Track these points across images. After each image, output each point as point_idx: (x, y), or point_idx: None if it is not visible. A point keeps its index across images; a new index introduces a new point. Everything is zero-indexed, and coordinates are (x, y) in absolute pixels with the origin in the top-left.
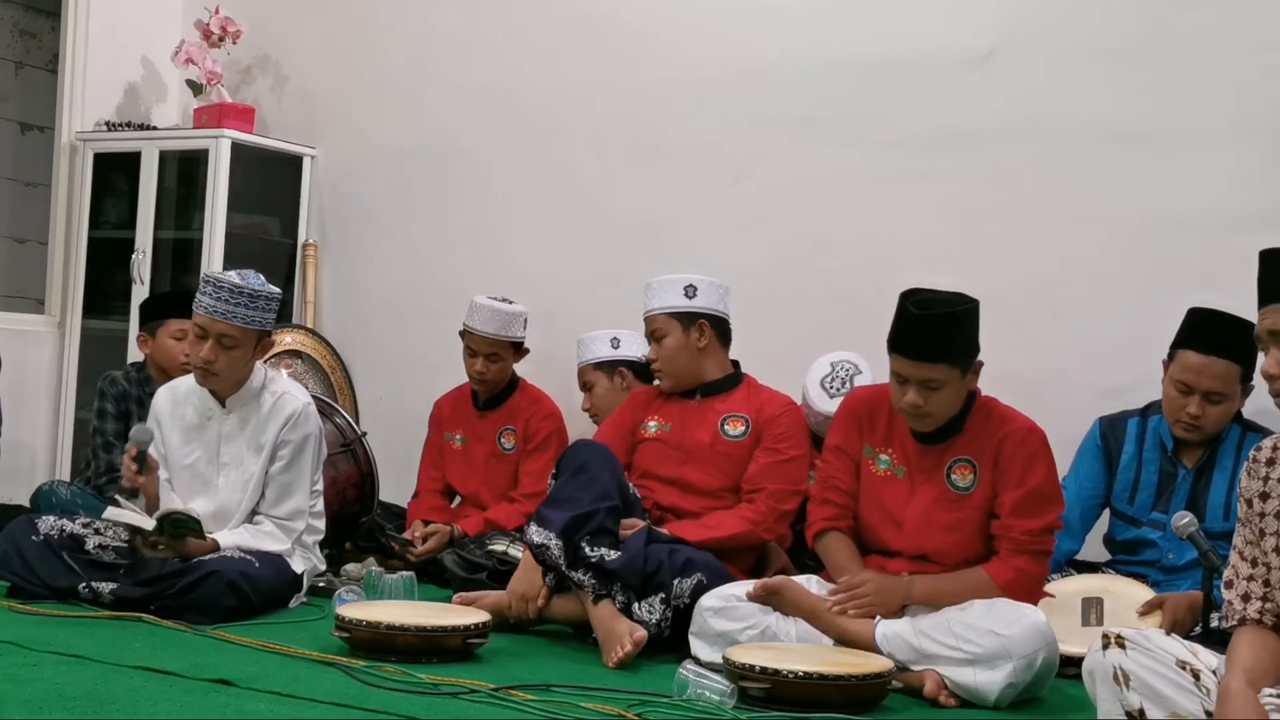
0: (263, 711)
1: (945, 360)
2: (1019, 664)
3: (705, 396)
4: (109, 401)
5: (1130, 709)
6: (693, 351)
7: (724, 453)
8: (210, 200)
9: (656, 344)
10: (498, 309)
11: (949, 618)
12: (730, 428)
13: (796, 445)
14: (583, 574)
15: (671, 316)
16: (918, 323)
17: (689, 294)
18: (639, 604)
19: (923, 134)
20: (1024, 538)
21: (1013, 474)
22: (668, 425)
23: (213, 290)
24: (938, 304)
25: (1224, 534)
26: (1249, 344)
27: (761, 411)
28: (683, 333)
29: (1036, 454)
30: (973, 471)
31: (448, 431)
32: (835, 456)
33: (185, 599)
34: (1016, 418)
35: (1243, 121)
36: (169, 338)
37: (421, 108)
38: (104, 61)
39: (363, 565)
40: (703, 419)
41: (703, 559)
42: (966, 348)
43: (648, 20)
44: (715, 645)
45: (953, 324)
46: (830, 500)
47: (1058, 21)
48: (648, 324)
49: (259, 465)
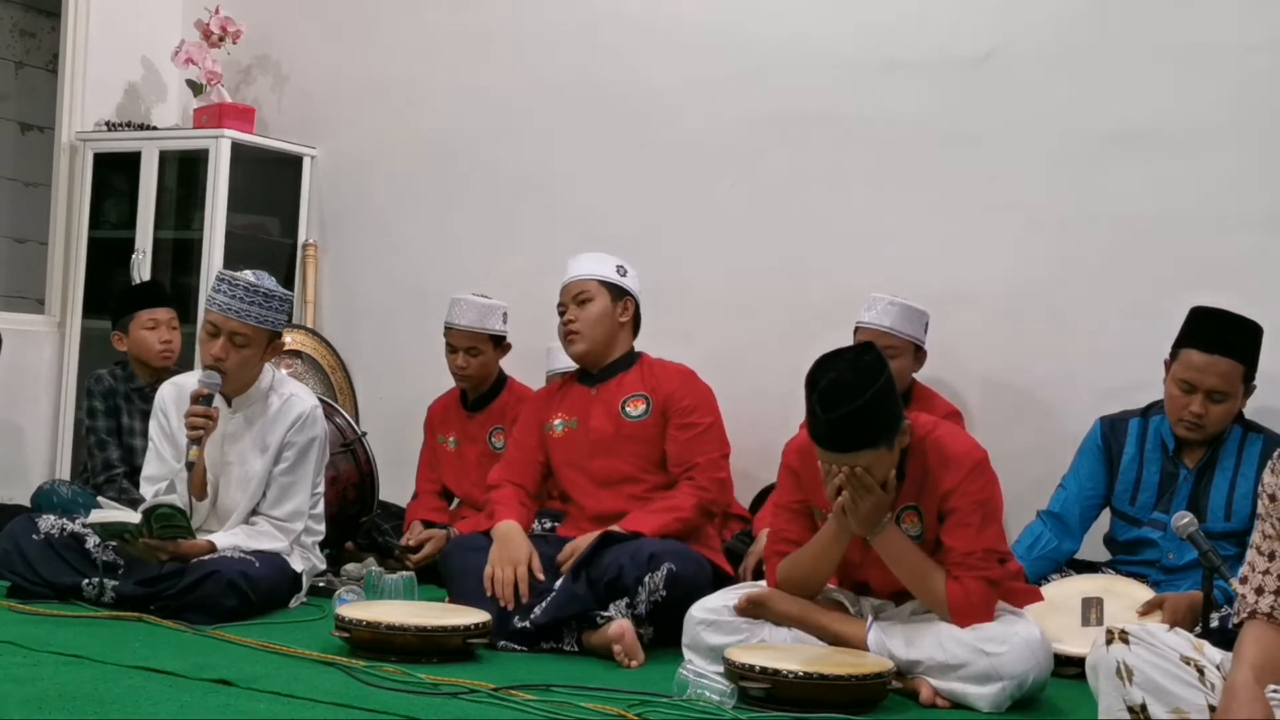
0: (263, 711)
1: (868, 447)
2: (1009, 684)
3: (603, 381)
4: (97, 399)
5: (1133, 704)
6: (613, 324)
7: (630, 435)
8: (210, 200)
9: (578, 307)
10: (476, 302)
11: (939, 630)
12: (631, 408)
13: (706, 413)
14: (528, 639)
15: (603, 284)
16: (828, 424)
17: (620, 273)
18: (604, 611)
19: (923, 134)
20: (978, 562)
21: (961, 510)
22: (573, 420)
23: (227, 288)
24: (845, 394)
25: (1224, 534)
26: (1252, 343)
27: (658, 388)
28: (610, 303)
29: (980, 482)
30: (919, 519)
31: (440, 434)
32: (782, 513)
33: (185, 599)
34: (955, 450)
35: (1243, 121)
36: (141, 330)
37: (421, 108)
38: (104, 61)
39: (363, 565)
40: (604, 406)
41: (666, 547)
42: (886, 426)
43: (648, 20)
44: (710, 659)
45: (865, 416)
46: (780, 552)
47: (1058, 21)
48: (572, 288)
49: (263, 465)
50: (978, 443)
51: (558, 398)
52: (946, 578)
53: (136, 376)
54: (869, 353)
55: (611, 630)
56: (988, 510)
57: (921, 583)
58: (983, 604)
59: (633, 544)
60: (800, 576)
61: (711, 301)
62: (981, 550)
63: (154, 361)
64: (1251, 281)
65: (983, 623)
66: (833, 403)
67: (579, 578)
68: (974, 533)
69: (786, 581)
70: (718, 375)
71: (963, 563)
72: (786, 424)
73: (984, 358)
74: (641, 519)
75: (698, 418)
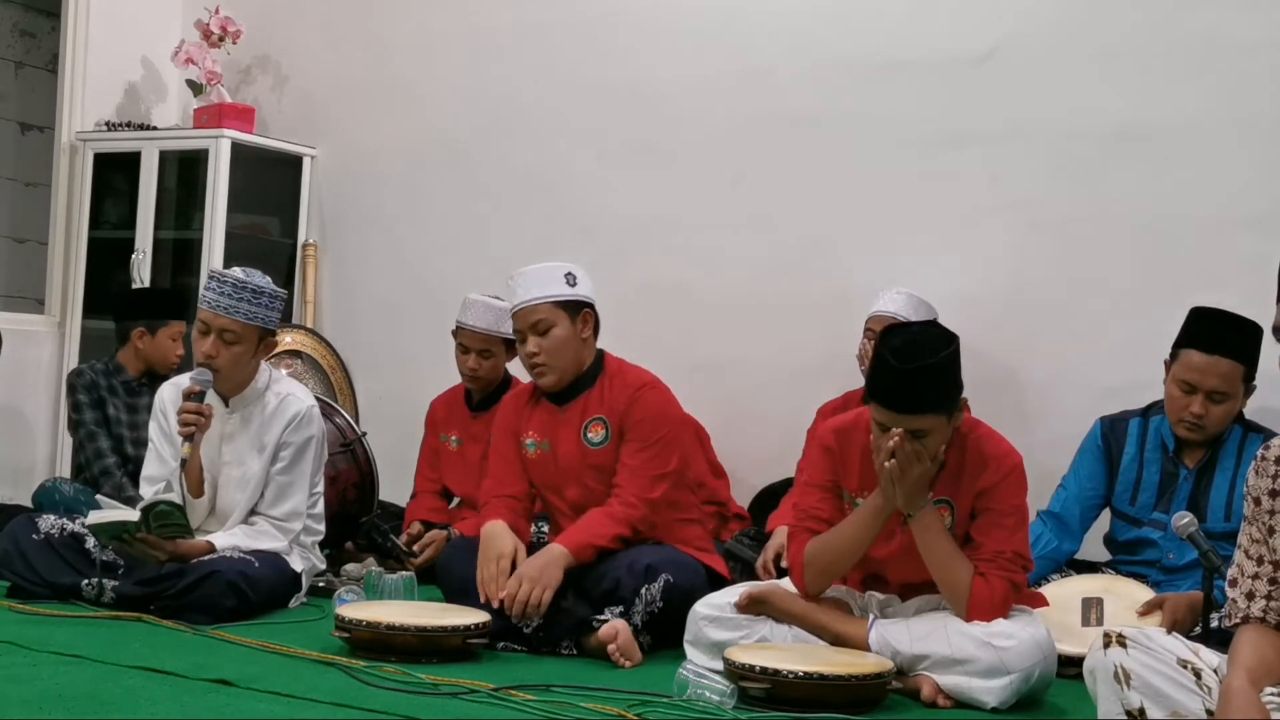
0: (263, 711)
1: (931, 410)
2: (1016, 679)
3: (570, 400)
4: (81, 393)
5: (1131, 708)
6: (578, 343)
7: (594, 464)
8: (210, 200)
9: (539, 337)
10: (490, 305)
11: (946, 625)
12: (592, 434)
13: (656, 428)
14: (528, 640)
15: (557, 306)
16: (898, 375)
17: (571, 282)
18: (599, 616)
19: (923, 134)
20: (1006, 563)
21: (996, 511)
22: (544, 443)
23: (216, 285)
24: (920, 352)
25: (1224, 534)
26: (1252, 344)
27: (615, 407)
28: (570, 323)
29: (1018, 486)
30: (951, 512)
31: (443, 433)
32: (814, 491)
33: (185, 599)
34: (995, 450)
35: (1243, 121)
36: (168, 338)
37: (421, 108)
38: (104, 61)
39: (363, 565)
40: (570, 429)
41: (664, 557)
42: (951, 392)
43: (648, 21)
44: (712, 654)
45: (936, 375)
46: (810, 529)
47: (1058, 21)
48: (525, 316)
49: (260, 465)
50: (1013, 446)
51: (528, 412)
52: (974, 573)
53: (124, 370)
54: (938, 326)
55: (604, 632)
56: (1021, 515)
57: (948, 571)
58: (1003, 604)
59: (629, 554)
60: (830, 556)
61: (711, 301)
62: (1011, 552)
63: (163, 369)
64: (1251, 281)
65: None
66: (909, 357)
67: (568, 595)
68: (1007, 534)
69: (813, 560)
70: (717, 375)
71: (993, 560)
72: (786, 424)
73: (984, 358)
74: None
75: (646, 432)
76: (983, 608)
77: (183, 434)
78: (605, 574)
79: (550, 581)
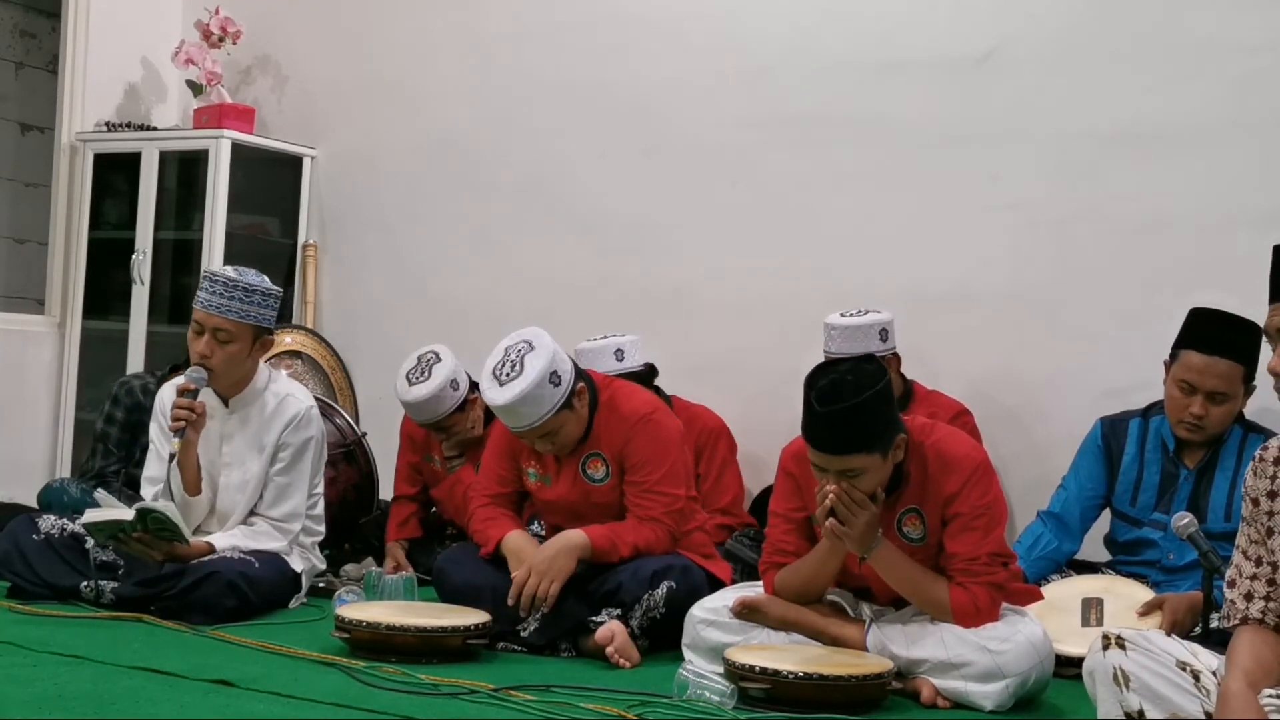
0: (263, 711)
1: (861, 450)
2: (1012, 682)
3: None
4: (120, 409)
5: (1130, 710)
6: (581, 418)
7: (597, 503)
8: (210, 201)
9: (549, 441)
10: (423, 401)
11: (941, 629)
12: (591, 470)
13: (657, 465)
14: (527, 641)
15: (557, 414)
16: (821, 418)
17: (555, 382)
18: (596, 618)
19: (923, 134)
20: (982, 568)
21: (964, 515)
22: (546, 476)
23: (209, 284)
24: (845, 392)
25: (1225, 535)
26: (1252, 344)
27: (612, 441)
28: (571, 413)
29: (983, 486)
30: (921, 521)
31: (426, 453)
32: (780, 523)
33: (185, 599)
34: (955, 454)
35: (1243, 121)
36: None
37: (421, 108)
38: (104, 62)
39: (362, 565)
40: (570, 466)
41: (668, 564)
42: (881, 430)
43: (648, 20)
44: (710, 657)
45: (860, 415)
46: (776, 564)
47: (1057, 21)
48: (534, 432)
49: (260, 465)
50: (976, 444)
51: (527, 447)
52: (951, 584)
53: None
54: (870, 362)
55: (601, 634)
56: (991, 514)
57: (922, 594)
58: (988, 609)
59: (633, 562)
60: (797, 588)
61: (711, 301)
62: (986, 555)
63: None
64: (1251, 281)
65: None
66: (830, 398)
67: (569, 596)
68: (978, 537)
69: (783, 593)
70: (717, 375)
71: (967, 569)
72: (786, 425)
73: (983, 358)
74: (617, 536)
75: (648, 473)
76: (968, 617)
77: (173, 429)
78: (608, 577)
79: (559, 573)
